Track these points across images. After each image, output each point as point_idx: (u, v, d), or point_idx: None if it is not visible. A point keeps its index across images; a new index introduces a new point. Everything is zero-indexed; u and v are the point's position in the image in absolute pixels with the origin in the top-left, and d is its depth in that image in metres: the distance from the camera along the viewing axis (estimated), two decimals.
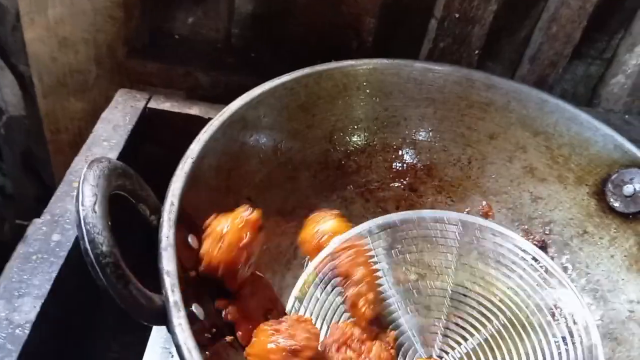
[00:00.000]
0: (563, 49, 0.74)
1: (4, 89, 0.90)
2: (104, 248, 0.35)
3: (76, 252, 0.54)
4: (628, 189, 0.57)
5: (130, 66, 0.74)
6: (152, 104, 0.71)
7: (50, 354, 0.51)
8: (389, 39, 0.77)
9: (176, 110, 0.71)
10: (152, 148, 0.67)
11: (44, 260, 0.51)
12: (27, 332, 0.46)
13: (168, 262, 0.40)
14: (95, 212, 0.36)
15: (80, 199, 0.36)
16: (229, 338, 0.45)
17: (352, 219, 0.58)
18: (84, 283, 0.51)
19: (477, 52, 0.74)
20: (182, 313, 0.38)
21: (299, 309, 0.52)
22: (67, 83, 0.78)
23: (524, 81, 0.75)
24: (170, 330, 0.38)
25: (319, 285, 0.53)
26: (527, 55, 0.76)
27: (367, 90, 0.64)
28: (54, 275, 0.50)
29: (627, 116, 0.80)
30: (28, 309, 0.47)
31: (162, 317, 0.38)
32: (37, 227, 0.54)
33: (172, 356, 0.52)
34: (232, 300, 0.47)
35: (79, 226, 0.35)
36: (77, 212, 0.35)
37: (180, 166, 0.48)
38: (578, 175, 0.60)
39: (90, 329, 0.65)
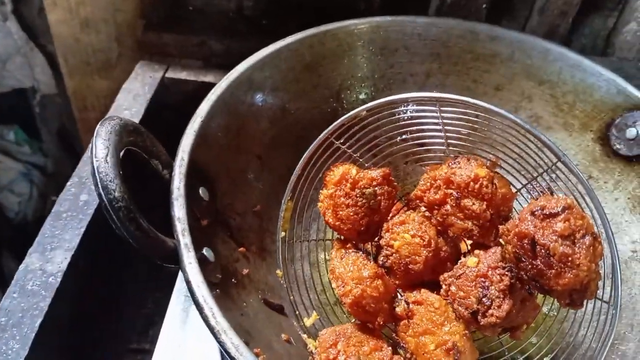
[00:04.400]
0: None
1: (36, 68, 0.95)
2: (116, 194, 0.39)
3: (102, 210, 0.58)
4: (631, 132, 0.57)
5: (147, 39, 0.77)
6: (170, 74, 0.75)
7: (82, 302, 0.56)
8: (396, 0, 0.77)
9: (192, 78, 0.74)
10: (170, 114, 0.71)
11: (74, 217, 0.56)
12: (59, 280, 0.51)
13: (179, 210, 0.44)
14: (107, 162, 0.39)
15: (93, 151, 0.39)
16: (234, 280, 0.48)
17: None
18: (111, 239, 0.56)
19: (484, 6, 0.74)
20: (192, 253, 0.42)
21: None
22: (91, 62, 0.81)
23: (534, 33, 0.74)
24: (182, 268, 0.41)
25: None
26: (536, 7, 0.75)
27: (372, 48, 0.65)
28: (82, 230, 0.55)
29: None
30: (60, 260, 0.52)
31: (175, 259, 0.42)
32: (66, 189, 0.58)
33: None
34: None
35: (93, 175, 0.39)
36: (91, 162, 0.39)
37: (190, 125, 0.51)
38: (583, 121, 0.61)
39: (122, 285, 0.70)
